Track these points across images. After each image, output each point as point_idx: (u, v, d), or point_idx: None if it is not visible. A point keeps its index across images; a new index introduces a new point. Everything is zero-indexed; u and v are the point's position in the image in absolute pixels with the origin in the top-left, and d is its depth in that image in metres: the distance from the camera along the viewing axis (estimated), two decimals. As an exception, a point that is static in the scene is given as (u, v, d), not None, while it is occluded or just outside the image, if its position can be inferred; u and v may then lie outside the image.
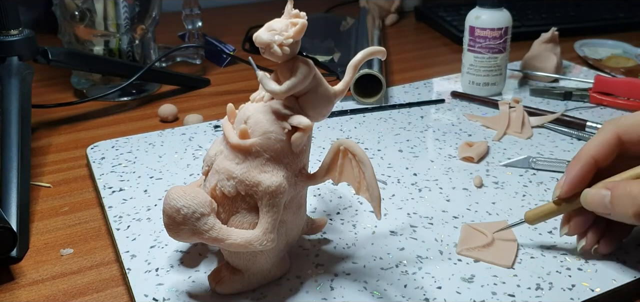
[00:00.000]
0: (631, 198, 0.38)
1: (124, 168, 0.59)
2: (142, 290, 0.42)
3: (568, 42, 0.96)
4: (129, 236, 0.48)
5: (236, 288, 0.41)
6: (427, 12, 1.17)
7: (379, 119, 0.70)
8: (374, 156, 0.61)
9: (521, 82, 0.82)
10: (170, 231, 0.37)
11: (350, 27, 1.02)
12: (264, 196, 0.37)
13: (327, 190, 0.55)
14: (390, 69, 0.91)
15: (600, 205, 0.40)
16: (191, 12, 0.91)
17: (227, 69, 0.93)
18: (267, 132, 0.38)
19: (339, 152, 0.40)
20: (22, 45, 0.65)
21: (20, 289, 0.44)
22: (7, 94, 0.60)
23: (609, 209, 0.40)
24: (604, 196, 0.40)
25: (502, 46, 0.74)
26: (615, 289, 0.42)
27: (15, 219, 0.49)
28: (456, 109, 0.73)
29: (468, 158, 0.60)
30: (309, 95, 0.39)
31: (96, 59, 0.76)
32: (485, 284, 0.42)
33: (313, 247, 0.47)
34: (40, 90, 0.82)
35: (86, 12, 0.76)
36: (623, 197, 0.39)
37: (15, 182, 0.52)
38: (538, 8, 1.15)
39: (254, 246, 0.37)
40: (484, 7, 0.73)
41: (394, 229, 0.49)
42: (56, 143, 0.67)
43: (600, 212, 0.41)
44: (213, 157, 0.40)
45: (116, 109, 0.77)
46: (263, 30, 0.37)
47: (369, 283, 0.42)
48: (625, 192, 0.39)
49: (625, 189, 0.39)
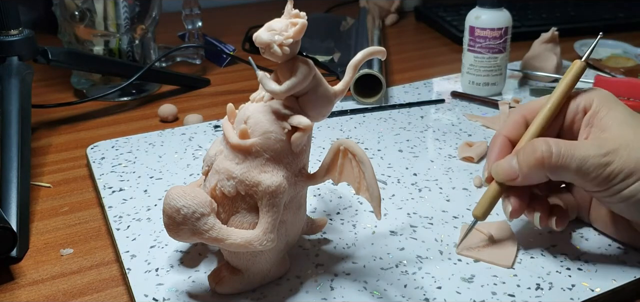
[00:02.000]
0: (531, 149, 0.41)
1: (124, 168, 0.59)
2: (142, 290, 0.42)
3: (568, 42, 0.96)
4: (129, 236, 0.48)
5: (236, 288, 0.41)
6: (427, 12, 1.17)
7: (379, 119, 0.70)
8: (374, 156, 0.61)
9: (521, 82, 0.82)
10: (170, 231, 0.37)
11: (350, 27, 1.02)
12: (264, 196, 0.37)
13: (327, 190, 0.55)
14: (390, 69, 0.91)
15: (509, 169, 0.43)
16: (191, 12, 0.91)
17: (227, 69, 0.93)
18: (267, 132, 0.38)
19: (339, 152, 0.40)
20: (22, 45, 0.65)
21: (20, 289, 0.44)
22: (7, 94, 0.60)
23: (516, 169, 0.42)
24: (510, 159, 0.43)
25: (502, 46, 0.74)
26: (615, 289, 0.42)
27: (15, 219, 0.49)
28: (456, 109, 0.73)
29: (468, 158, 0.60)
30: (309, 95, 0.39)
31: (96, 59, 0.76)
32: (485, 284, 0.42)
33: (313, 247, 0.47)
34: (40, 90, 0.82)
35: (86, 12, 0.76)
36: (525, 153, 0.42)
37: (15, 182, 0.52)
38: (538, 8, 1.15)
39: (254, 246, 0.37)
40: (484, 7, 0.73)
41: (394, 229, 0.49)
42: (56, 143, 0.67)
43: (510, 178, 0.43)
44: (213, 157, 0.40)
45: (116, 109, 0.77)
46: (263, 30, 0.37)
47: (369, 283, 0.42)
48: (525, 148, 0.42)
49: (525, 146, 0.42)
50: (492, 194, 0.45)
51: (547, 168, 0.41)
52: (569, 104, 0.45)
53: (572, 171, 0.40)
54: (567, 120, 0.45)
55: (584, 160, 0.40)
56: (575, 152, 0.40)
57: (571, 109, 0.45)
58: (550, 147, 0.41)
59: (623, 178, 0.39)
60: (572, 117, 0.45)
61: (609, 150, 0.40)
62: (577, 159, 0.40)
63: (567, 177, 0.41)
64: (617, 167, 0.39)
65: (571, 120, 0.45)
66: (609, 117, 0.42)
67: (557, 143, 0.41)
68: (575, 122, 0.45)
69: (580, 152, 0.40)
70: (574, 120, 0.45)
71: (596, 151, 0.40)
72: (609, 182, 0.40)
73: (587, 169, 0.40)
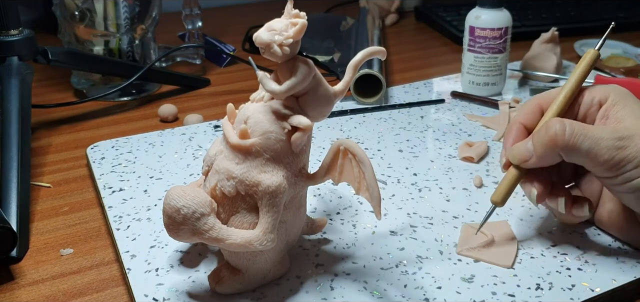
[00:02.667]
0: (546, 128, 0.42)
1: (124, 168, 0.59)
2: (142, 290, 0.42)
3: (568, 42, 0.96)
4: (129, 236, 0.48)
5: (236, 288, 0.41)
6: (427, 12, 1.16)
7: (379, 119, 0.70)
8: (374, 156, 0.61)
9: (521, 82, 0.82)
10: (170, 231, 0.37)
11: (350, 27, 1.02)
12: (263, 196, 0.37)
13: (327, 190, 0.55)
14: (390, 69, 0.91)
15: (525, 151, 0.43)
16: (191, 12, 0.91)
17: (227, 69, 0.93)
18: (267, 132, 0.38)
19: (339, 152, 0.40)
20: (22, 45, 0.65)
21: (20, 289, 0.44)
22: (7, 94, 0.60)
23: (531, 150, 0.43)
24: (526, 142, 0.44)
25: (502, 46, 0.74)
26: (615, 289, 0.42)
27: (15, 219, 0.49)
28: (456, 109, 0.73)
29: (468, 158, 0.60)
30: (309, 95, 0.39)
31: (96, 59, 0.76)
32: (485, 284, 0.42)
33: (313, 247, 0.47)
34: (40, 90, 0.82)
35: (86, 12, 0.76)
36: (539, 133, 0.43)
37: (15, 182, 0.52)
38: (538, 8, 1.15)
39: (254, 246, 0.37)
40: (484, 7, 0.73)
41: (394, 229, 0.49)
42: (56, 143, 0.67)
43: (525, 159, 0.43)
44: (213, 157, 0.40)
45: (116, 109, 0.77)
46: (263, 30, 0.37)
47: (369, 283, 0.42)
48: (539, 130, 0.43)
49: (539, 127, 0.44)
50: (511, 180, 0.45)
51: (560, 146, 0.41)
52: (584, 96, 0.45)
53: (584, 151, 0.40)
54: (582, 112, 0.45)
55: (597, 141, 0.40)
56: (588, 133, 0.40)
57: (586, 102, 0.45)
58: (564, 126, 0.41)
59: (635, 166, 0.39)
60: (587, 109, 0.45)
61: (624, 135, 0.40)
62: (590, 139, 0.40)
63: (579, 159, 0.41)
64: (631, 154, 0.39)
65: (585, 113, 0.45)
66: (624, 111, 0.42)
67: (571, 123, 0.41)
68: (589, 114, 0.45)
69: (594, 133, 0.40)
70: (588, 112, 0.45)
71: (610, 135, 0.40)
72: (620, 168, 0.40)
73: (599, 150, 0.40)
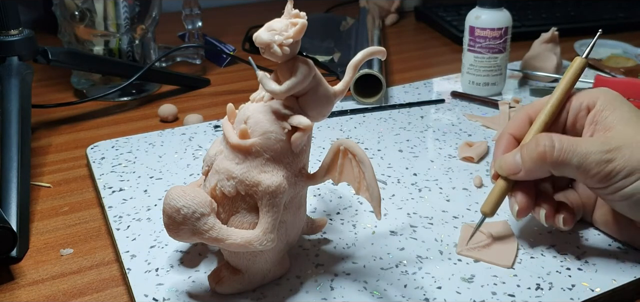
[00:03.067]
0: (535, 143, 0.42)
1: (124, 168, 0.59)
2: (142, 290, 0.42)
3: (568, 42, 0.96)
4: (129, 236, 0.48)
5: (236, 288, 0.41)
6: (427, 12, 1.16)
7: (379, 119, 0.70)
8: (374, 156, 0.61)
9: (521, 82, 0.82)
10: (170, 231, 0.37)
11: (350, 27, 1.02)
12: (263, 196, 0.37)
13: (327, 190, 0.55)
14: (390, 69, 0.91)
15: (513, 163, 0.44)
16: (191, 12, 0.91)
17: (227, 69, 0.93)
18: (267, 132, 0.38)
19: (339, 152, 0.40)
20: (22, 45, 0.65)
21: (20, 289, 0.44)
22: (7, 94, 0.60)
23: (519, 163, 0.43)
24: (514, 154, 0.44)
25: (502, 46, 0.74)
26: (615, 289, 0.42)
27: (15, 219, 0.49)
28: (456, 109, 0.73)
29: (468, 158, 0.60)
30: (309, 95, 0.39)
31: (96, 59, 0.76)
32: (485, 284, 0.42)
33: (313, 247, 0.47)
34: (40, 90, 0.82)
35: (86, 12, 0.76)
36: (528, 147, 0.43)
37: (15, 182, 0.52)
38: (538, 8, 1.15)
39: (254, 246, 0.37)
40: (484, 7, 0.73)
41: (394, 229, 0.49)
42: (56, 143, 0.67)
43: (514, 171, 0.44)
44: (213, 157, 0.40)
45: (116, 109, 0.77)
46: (263, 30, 0.37)
47: (369, 283, 0.42)
48: (528, 143, 0.43)
49: (528, 141, 0.43)
50: (500, 191, 0.45)
51: (549, 163, 0.41)
52: (572, 102, 0.45)
53: (574, 167, 0.41)
54: (570, 118, 0.45)
55: (585, 156, 0.40)
56: (577, 148, 0.41)
57: (574, 107, 0.45)
58: (552, 142, 0.41)
59: (625, 176, 0.40)
60: (575, 115, 0.45)
61: (612, 147, 0.40)
62: (579, 155, 0.40)
63: (569, 173, 0.42)
64: (619, 165, 0.40)
65: (574, 119, 0.45)
66: (613, 116, 0.42)
67: (560, 139, 0.41)
68: (578, 120, 0.45)
69: (582, 148, 0.40)
70: (577, 118, 0.45)
71: (598, 148, 0.40)
72: (610, 180, 0.40)
73: (588, 165, 0.40)
